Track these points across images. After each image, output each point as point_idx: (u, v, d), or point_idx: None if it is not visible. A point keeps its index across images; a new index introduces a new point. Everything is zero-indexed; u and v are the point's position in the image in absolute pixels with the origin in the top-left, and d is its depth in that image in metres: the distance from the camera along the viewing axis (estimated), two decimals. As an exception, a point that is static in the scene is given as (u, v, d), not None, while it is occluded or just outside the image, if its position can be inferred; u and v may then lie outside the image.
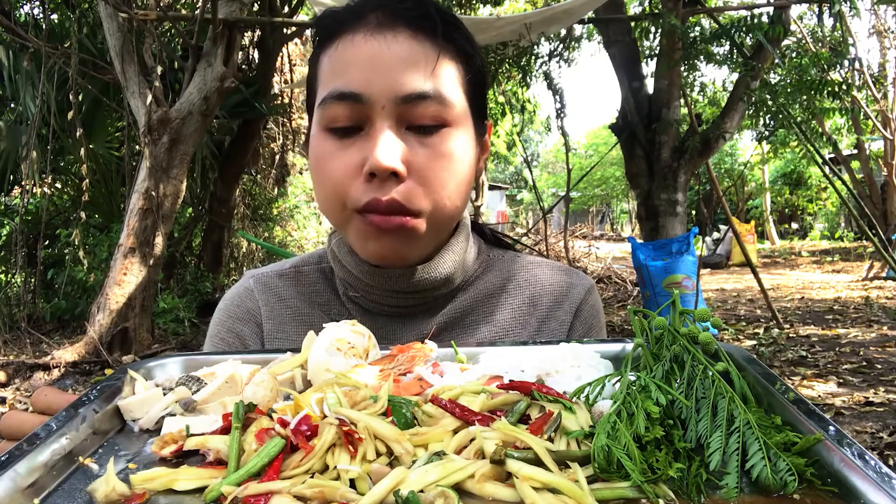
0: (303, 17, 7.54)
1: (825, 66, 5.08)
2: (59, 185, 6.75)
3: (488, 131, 0.88)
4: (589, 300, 0.94)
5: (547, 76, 6.53)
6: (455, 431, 0.50)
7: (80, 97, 4.65)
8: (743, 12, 5.40)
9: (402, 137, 0.74)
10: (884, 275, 10.02)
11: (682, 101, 6.03)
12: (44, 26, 5.12)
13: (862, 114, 10.32)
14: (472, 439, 0.49)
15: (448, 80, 0.76)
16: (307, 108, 0.85)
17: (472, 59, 0.81)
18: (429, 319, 0.86)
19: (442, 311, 0.86)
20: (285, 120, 8.55)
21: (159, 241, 4.60)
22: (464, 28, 0.81)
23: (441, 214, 0.78)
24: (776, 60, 5.28)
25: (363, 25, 0.75)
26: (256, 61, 6.96)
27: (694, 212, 11.01)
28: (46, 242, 5.66)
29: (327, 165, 0.75)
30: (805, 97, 4.93)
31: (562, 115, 6.76)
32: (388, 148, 0.71)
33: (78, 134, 4.15)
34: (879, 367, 4.77)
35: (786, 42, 6.09)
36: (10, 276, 6.72)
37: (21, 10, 5.64)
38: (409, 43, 0.74)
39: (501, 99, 9.45)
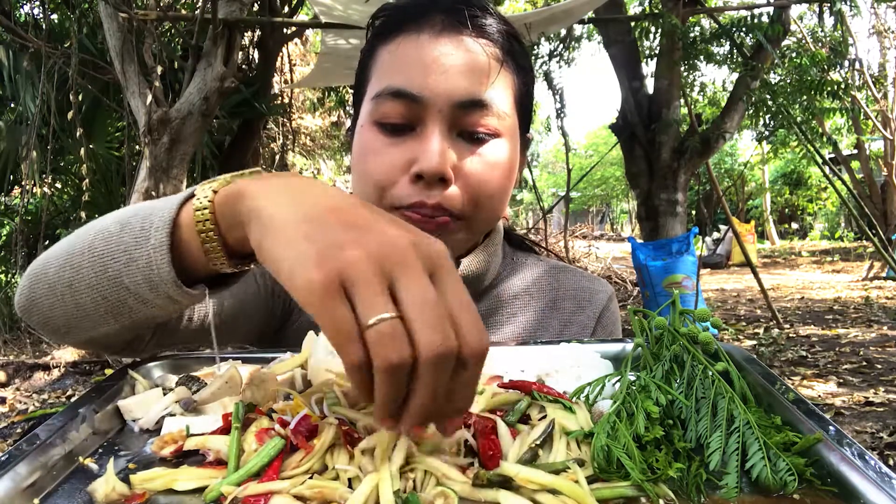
0: (303, 17, 7.53)
1: (825, 66, 5.07)
2: (59, 185, 6.74)
3: (529, 144, 0.88)
4: (610, 307, 0.95)
5: (547, 76, 6.52)
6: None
7: (80, 97, 4.64)
8: (743, 12, 5.39)
9: (453, 143, 0.74)
10: (884, 275, 10.01)
11: (682, 101, 6.02)
12: (44, 26, 5.11)
13: (862, 114, 10.30)
14: (467, 440, 0.49)
15: (505, 92, 0.77)
16: (354, 98, 0.86)
17: (527, 73, 0.82)
18: None
19: None
20: (285, 120, 8.53)
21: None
22: (522, 42, 0.82)
23: (480, 222, 0.79)
24: (776, 60, 5.27)
25: (428, 26, 0.75)
26: (256, 61, 6.94)
27: (694, 212, 10.99)
28: (46, 242, 5.65)
29: (373, 159, 0.76)
30: (805, 97, 4.92)
31: (562, 115, 6.75)
32: (441, 152, 0.72)
33: (78, 134, 4.14)
34: (879, 367, 4.77)
35: (786, 42, 6.07)
36: (10, 276, 6.71)
37: (21, 10, 5.63)
38: (473, 51, 0.75)
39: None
